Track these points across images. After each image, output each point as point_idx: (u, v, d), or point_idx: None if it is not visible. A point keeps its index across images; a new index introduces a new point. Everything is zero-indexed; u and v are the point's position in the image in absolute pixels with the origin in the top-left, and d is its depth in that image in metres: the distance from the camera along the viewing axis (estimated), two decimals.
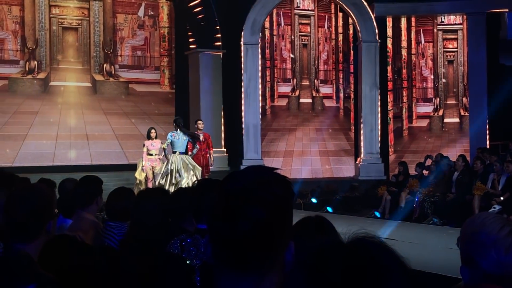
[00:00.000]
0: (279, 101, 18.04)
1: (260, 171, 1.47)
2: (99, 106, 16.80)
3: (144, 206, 3.83)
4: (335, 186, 16.43)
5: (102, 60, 16.99)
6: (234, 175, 1.45)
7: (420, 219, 13.04)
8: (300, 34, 18.30)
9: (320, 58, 18.52)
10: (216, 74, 16.96)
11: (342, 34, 18.71)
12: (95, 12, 16.93)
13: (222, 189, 1.43)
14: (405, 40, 18.44)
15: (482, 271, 1.96)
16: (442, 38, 18.41)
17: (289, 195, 1.44)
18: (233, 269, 1.38)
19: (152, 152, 14.19)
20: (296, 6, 18.22)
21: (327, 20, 18.63)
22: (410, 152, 17.96)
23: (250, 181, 1.40)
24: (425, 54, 18.53)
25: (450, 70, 18.45)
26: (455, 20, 18.35)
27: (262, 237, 1.35)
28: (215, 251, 1.41)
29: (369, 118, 17.54)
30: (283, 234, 1.40)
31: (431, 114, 18.41)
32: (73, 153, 16.12)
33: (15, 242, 2.49)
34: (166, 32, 17.72)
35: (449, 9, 18.11)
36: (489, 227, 1.99)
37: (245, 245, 1.35)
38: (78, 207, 4.64)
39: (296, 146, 17.91)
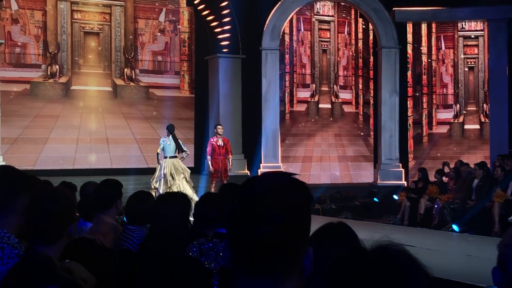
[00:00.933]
0: (298, 106, 18.04)
1: (279, 176, 1.48)
2: (119, 110, 16.91)
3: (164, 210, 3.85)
4: (354, 192, 16.37)
5: (123, 64, 17.11)
6: (253, 180, 1.47)
7: (439, 226, 12.95)
8: (320, 40, 18.30)
9: (340, 63, 18.50)
10: (235, 79, 17.00)
11: (362, 40, 18.68)
12: (117, 17, 17.06)
13: (242, 193, 1.44)
14: (426, 46, 18.35)
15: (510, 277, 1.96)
16: (463, 45, 18.30)
17: (308, 200, 1.45)
18: (252, 273, 1.39)
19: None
20: (316, 12, 18.22)
21: (347, 26, 18.61)
22: (429, 159, 17.85)
23: (269, 186, 1.41)
24: (445, 60, 18.43)
25: (470, 77, 18.33)
26: (476, 27, 18.23)
27: (281, 242, 1.36)
28: (233, 255, 1.42)
29: (389, 124, 17.46)
30: (302, 239, 1.41)
31: (451, 121, 18.29)
32: (94, 157, 16.23)
33: (36, 244, 2.52)
34: (187, 37, 17.80)
35: (470, 16, 18.00)
36: None
37: (264, 250, 1.36)
38: (98, 211, 4.67)
39: (315, 151, 17.88)
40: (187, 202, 3.91)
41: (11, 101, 15.81)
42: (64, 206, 2.57)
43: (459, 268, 7.69)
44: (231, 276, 1.45)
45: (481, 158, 16.32)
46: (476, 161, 15.11)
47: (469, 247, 8.97)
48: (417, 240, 10.55)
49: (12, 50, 16.06)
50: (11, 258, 2.60)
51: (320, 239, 2.15)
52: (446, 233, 12.24)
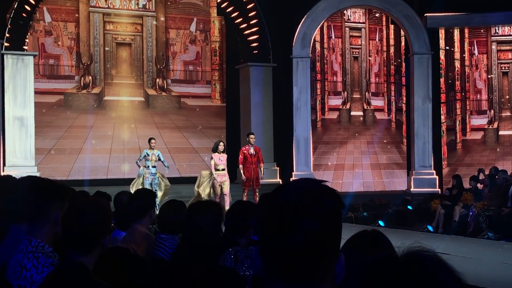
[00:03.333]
0: (330, 114, 17.98)
1: (310, 183, 1.47)
2: (151, 120, 17.06)
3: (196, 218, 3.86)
4: (387, 199, 16.22)
5: (154, 74, 17.28)
6: (285, 187, 1.46)
7: (474, 233, 12.76)
8: (351, 47, 18.24)
9: (371, 70, 18.41)
10: (266, 88, 17.02)
11: (393, 46, 18.56)
12: (148, 28, 17.25)
13: (273, 201, 1.44)
14: (458, 52, 18.15)
15: None
16: (496, 49, 18.06)
17: (339, 208, 1.45)
18: (283, 280, 1.38)
19: (219, 167, 13.90)
20: (346, 19, 18.18)
21: (378, 32, 18.52)
22: (464, 165, 17.62)
23: (301, 194, 1.41)
24: (479, 66, 18.20)
25: (505, 82, 18.07)
26: (509, 31, 17.99)
27: (314, 250, 1.36)
28: (265, 263, 1.41)
29: (422, 130, 17.29)
30: (334, 246, 1.40)
31: (485, 127, 18.05)
32: (127, 167, 16.38)
33: (71, 253, 2.55)
34: (217, 47, 17.91)
35: (503, 20, 17.76)
36: None
37: (297, 258, 1.36)
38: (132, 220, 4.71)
39: (347, 159, 17.79)
40: (219, 211, 3.91)
41: (45, 112, 16.07)
42: (101, 216, 2.60)
43: (495, 275, 7.57)
44: (263, 283, 1.44)
45: None
46: (511, 168, 14.90)
47: (505, 255, 8.82)
48: (452, 248, 10.42)
49: (46, 61, 16.33)
50: (46, 267, 2.63)
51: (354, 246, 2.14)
52: (482, 241, 12.06)
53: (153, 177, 13.82)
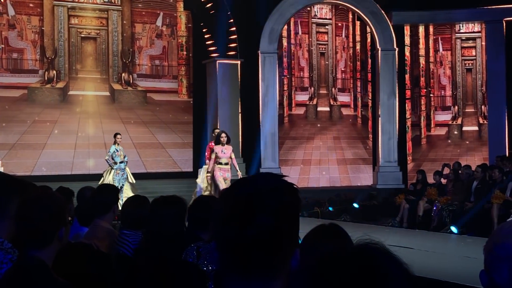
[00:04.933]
0: (297, 110, 18.05)
1: (268, 177, 1.47)
2: (117, 115, 16.92)
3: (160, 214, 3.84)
4: (353, 194, 16.35)
5: (120, 69, 17.13)
6: (242, 181, 1.46)
7: (438, 228, 12.93)
8: (318, 43, 18.32)
9: (338, 66, 18.52)
10: (233, 83, 17.00)
11: (359, 43, 18.69)
12: (114, 22, 17.08)
13: (230, 195, 1.44)
14: (423, 48, 18.37)
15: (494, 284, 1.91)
16: (460, 46, 18.32)
17: (297, 202, 1.45)
18: (240, 275, 1.39)
19: (222, 161, 13.13)
20: (313, 15, 18.25)
21: (345, 29, 18.63)
22: (428, 161, 17.86)
23: (258, 188, 1.41)
24: (443, 62, 18.45)
25: (468, 78, 18.35)
26: (473, 28, 18.26)
27: (269, 243, 1.36)
28: (222, 257, 1.42)
29: (387, 126, 17.46)
30: (290, 240, 1.41)
31: (449, 123, 18.31)
32: (92, 162, 16.23)
33: (28, 248, 2.51)
34: (184, 41, 17.83)
35: (468, 17, 18.03)
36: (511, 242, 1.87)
37: (252, 251, 1.36)
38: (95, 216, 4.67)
39: (314, 154, 17.89)
40: (182, 206, 3.90)
41: (8, 107, 15.81)
42: (55, 208, 2.56)
43: (457, 269, 7.69)
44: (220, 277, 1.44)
45: (479, 160, 16.34)
46: (474, 163, 15.14)
47: (467, 249, 8.97)
48: (416, 242, 10.55)
49: (9, 55, 16.07)
50: (5, 263, 2.59)
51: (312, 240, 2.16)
52: (445, 235, 12.23)
53: (122, 173, 13.76)
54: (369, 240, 1.10)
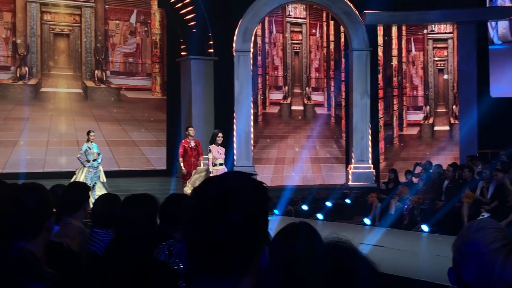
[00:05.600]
0: (271, 108, 18.07)
1: (237, 176, 1.49)
2: (90, 113, 16.80)
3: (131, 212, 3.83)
4: (326, 193, 16.43)
5: (93, 66, 17.00)
6: (211, 180, 1.47)
7: (409, 226, 13.07)
8: (292, 42, 18.36)
9: (312, 65, 18.58)
10: (207, 81, 16.97)
11: (333, 42, 18.78)
12: (87, 19, 16.94)
13: (199, 194, 1.45)
14: (396, 49, 18.52)
15: (462, 280, 1.95)
16: (432, 47, 18.51)
17: (265, 201, 1.46)
18: (208, 273, 1.39)
19: (218, 162, 12.71)
20: (287, 14, 18.28)
21: (319, 28, 18.70)
22: (400, 160, 18.02)
23: (226, 187, 1.42)
24: (415, 63, 18.62)
25: (440, 79, 18.55)
26: (445, 29, 18.46)
27: (238, 242, 1.37)
28: (191, 255, 1.42)
29: (360, 125, 17.58)
30: (258, 239, 1.42)
31: (421, 122, 18.49)
32: (64, 159, 16.09)
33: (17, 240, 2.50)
34: (158, 39, 17.75)
35: (440, 18, 18.22)
36: (478, 239, 1.91)
37: (221, 250, 1.37)
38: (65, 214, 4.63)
39: (287, 153, 17.93)
40: (154, 205, 3.89)
41: None
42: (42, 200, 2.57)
43: (428, 267, 7.78)
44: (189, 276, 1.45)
45: (450, 159, 16.53)
46: (445, 162, 15.30)
47: (438, 247, 9.07)
48: (388, 241, 10.64)
49: None
50: None
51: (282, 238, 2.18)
52: (416, 233, 12.36)
53: (95, 171, 13.67)
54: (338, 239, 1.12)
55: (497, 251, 1.89)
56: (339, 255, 1.06)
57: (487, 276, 1.87)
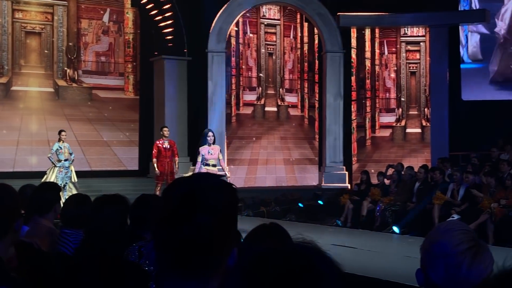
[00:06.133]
0: (245, 109, 18.07)
1: (207, 177, 1.49)
2: (61, 112, 16.63)
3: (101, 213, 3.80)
4: (298, 194, 16.49)
5: (65, 65, 16.84)
6: (180, 181, 1.47)
7: (381, 227, 13.16)
8: (266, 43, 18.38)
9: (286, 67, 18.62)
10: (181, 81, 16.92)
11: (307, 44, 18.85)
12: (59, 17, 16.78)
13: (168, 194, 1.45)
14: (369, 51, 18.66)
15: (430, 281, 1.97)
16: (405, 50, 18.68)
17: (235, 202, 1.47)
18: (177, 274, 1.39)
19: (210, 162, 12.05)
20: (262, 15, 18.30)
21: (293, 30, 18.75)
22: (372, 162, 18.15)
23: (196, 187, 1.42)
24: (388, 65, 18.77)
25: (412, 81, 18.72)
26: (418, 32, 18.64)
27: (206, 243, 1.37)
28: (159, 256, 1.42)
29: (333, 127, 17.68)
30: (227, 240, 1.42)
31: (393, 124, 18.64)
32: (34, 159, 15.92)
33: None
34: (131, 38, 17.65)
35: (412, 21, 18.39)
36: (446, 240, 1.93)
37: (189, 250, 1.37)
38: (35, 214, 4.58)
39: (261, 154, 17.95)
40: (125, 205, 3.87)
41: None
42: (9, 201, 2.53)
43: (398, 269, 7.84)
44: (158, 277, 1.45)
45: (422, 161, 16.69)
46: (417, 164, 15.45)
47: (408, 249, 9.14)
48: (359, 242, 10.71)
49: None
50: None
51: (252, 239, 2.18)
52: (387, 235, 12.46)
53: (66, 171, 13.54)
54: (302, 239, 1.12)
55: (464, 253, 1.91)
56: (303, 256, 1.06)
57: (454, 277, 1.89)
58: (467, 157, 16.15)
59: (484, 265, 1.91)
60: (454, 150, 17.24)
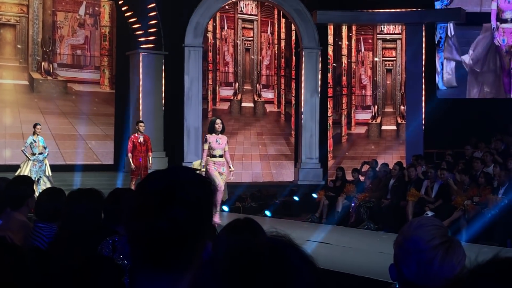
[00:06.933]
0: (221, 105, 18.04)
1: (181, 171, 1.48)
2: (36, 105, 16.46)
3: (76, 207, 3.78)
4: (274, 190, 16.53)
5: (40, 58, 16.65)
6: (155, 174, 1.47)
7: (355, 224, 13.26)
8: (243, 39, 18.36)
9: (263, 63, 18.61)
10: (157, 76, 16.83)
11: (284, 40, 18.86)
12: (35, 9, 16.58)
13: (143, 187, 1.44)
14: (346, 48, 18.73)
15: (403, 276, 1.99)
16: (381, 47, 18.78)
17: (209, 196, 1.46)
18: (151, 268, 1.39)
19: (216, 153, 11.38)
20: (239, 11, 18.27)
21: (270, 26, 18.75)
22: (348, 158, 18.24)
23: (169, 181, 1.42)
24: (364, 62, 18.86)
25: (388, 79, 18.84)
26: (394, 30, 18.75)
27: (180, 237, 1.37)
28: (133, 250, 1.42)
29: (309, 123, 17.73)
30: (201, 234, 1.42)
31: (369, 121, 18.75)
32: (8, 152, 15.73)
33: None
34: (107, 32, 17.50)
35: (389, 19, 18.50)
36: (419, 236, 1.95)
37: (163, 244, 1.36)
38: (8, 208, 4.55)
39: (237, 150, 17.93)
40: (99, 199, 3.85)
41: None
42: None
43: (372, 264, 7.90)
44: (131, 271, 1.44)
45: (397, 158, 16.80)
46: (392, 161, 15.57)
47: (382, 245, 9.22)
48: (334, 238, 10.78)
49: None
50: None
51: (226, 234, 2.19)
52: (362, 231, 12.55)
53: (40, 164, 13.42)
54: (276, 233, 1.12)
55: (436, 248, 1.93)
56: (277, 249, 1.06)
57: (426, 272, 1.91)
58: (441, 154, 16.31)
59: (457, 260, 1.93)
60: (429, 147, 17.40)
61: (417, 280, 1.93)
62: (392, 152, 18.21)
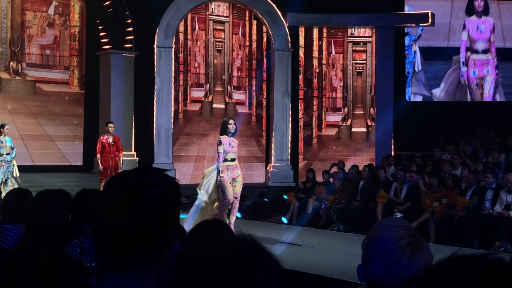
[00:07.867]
0: (192, 106, 17.99)
1: (148, 171, 1.48)
2: (4, 105, 16.23)
3: (43, 208, 3.74)
4: (245, 192, 16.49)
5: (8, 57, 16.42)
6: (122, 174, 1.46)
7: (325, 225, 13.33)
8: (215, 40, 18.34)
9: (234, 64, 18.61)
10: (128, 76, 16.71)
11: (256, 42, 18.88)
12: (3, 8, 16.35)
13: (110, 187, 1.43)
14: (317, 51, 18.82)
15: (370, 276, 2.00)
16: (352, 50, 18.92)
17: (176, 196, 1.46)
18: (116, 268, 1.38)
19: (229, 157, 10.31)
20: (211, 12, 18.25)
21: (242, 27, 18.76)
22: (318, 160, 18.33)
23: (136, 181, 1.41)
24: (335, 65, 18.98)
25: (359, 81, 18.98)
26: (364, 33, 18.91)
27: (146, 237, 1.36)
28: (98, 250, 1.40)
29: (280, 125, 17.77)
30: (168, 234, 1.41)
31: (339, 124, 18.87)
32: None
33: None
34: (77, 32, 17.33)
35: (359, 22, 18.65)
36: (386, 236, 1.97)
37: (129, 244, 1.35)
38: None
39: (208, 151, 17.89)
40: (67, 200, 3.81)
41: None
42: None
43: (341, 265, 7.94)
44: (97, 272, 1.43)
45: (367, 160, 16.95)
46: (362, 163, 15.70)
47: (352, 246, 9.28)
48: (304, 239, 10.82)
49: None
50: None
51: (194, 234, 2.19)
52: (332, 232, 12.62)
53: (8, 165, 13.23)
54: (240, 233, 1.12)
55: (403, 248, 1.95)
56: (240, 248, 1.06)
57: (393, 272, 1.93)
58: (410, 156, 16.48)
59: (423, 261, 1.95)
60: (398, 149, 17.58)
61: (384, 280, 1.95)
62: (362, 154, 18.36)
